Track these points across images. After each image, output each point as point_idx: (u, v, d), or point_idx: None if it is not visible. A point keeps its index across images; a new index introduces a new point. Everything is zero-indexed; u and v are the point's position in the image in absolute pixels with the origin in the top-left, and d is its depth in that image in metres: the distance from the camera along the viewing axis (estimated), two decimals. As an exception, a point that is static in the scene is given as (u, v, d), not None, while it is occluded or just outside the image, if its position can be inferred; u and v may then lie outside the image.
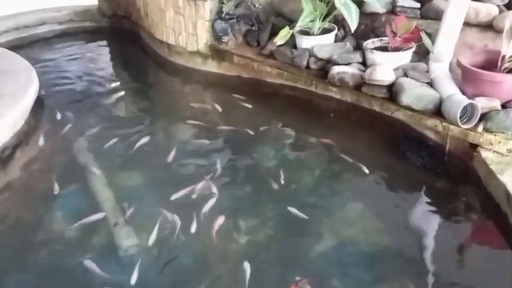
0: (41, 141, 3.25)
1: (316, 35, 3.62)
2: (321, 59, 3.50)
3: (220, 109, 3.67)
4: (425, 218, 2.42)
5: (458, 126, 2.65)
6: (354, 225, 2.39)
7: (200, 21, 4.11)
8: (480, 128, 2.65)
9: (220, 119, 3.53)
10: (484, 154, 2.59)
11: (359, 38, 3.61)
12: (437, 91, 2.88)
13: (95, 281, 2.11)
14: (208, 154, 3.07)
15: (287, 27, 3.64)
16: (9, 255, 2.27)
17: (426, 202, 2.54)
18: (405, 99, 2.89)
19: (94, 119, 3.54)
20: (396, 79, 3.03)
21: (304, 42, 3.62)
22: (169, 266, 2.17)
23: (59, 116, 3.58)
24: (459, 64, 2.85)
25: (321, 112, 3.48)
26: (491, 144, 2.60)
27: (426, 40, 3.07)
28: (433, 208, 2.49)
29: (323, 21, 3.64)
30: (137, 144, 3.14)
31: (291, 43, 3.72)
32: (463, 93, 2.79)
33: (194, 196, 2.63)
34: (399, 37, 3.17)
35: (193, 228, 2.38)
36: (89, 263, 2.17)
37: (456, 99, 2.69)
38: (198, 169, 2.88)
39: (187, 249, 2.27)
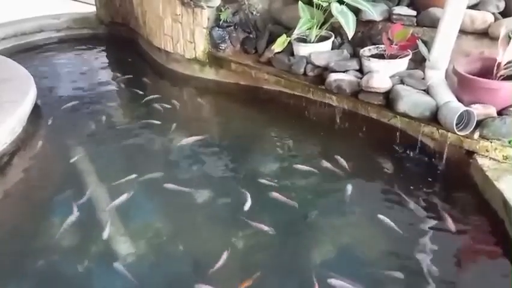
0: (38, 149, 3.25)
1: (313, 42, 3.65)
2: (318, 66, 3.52)
3: (217, 116, 3.68)
4: (422, 224, 2.43)
5: (455, 133, 2.66)
6: (350, 232, 2.40)
7: (198, 29, 4.13)
8: (476, 135, 2.66)
9: (217, 126, 3.54)
10: (481, 161, 2.61)
11: (355, 46, 3.63)
12: (433, 98, 2.90)
13: (92, 288, 2.11)
14: (206, 161, 3.07)
15: (284, 35, 3.65)
16: (6, 263, 2.26)
17: (423, 208, 2.54)
18: (402, 106, 2.91)
19: (91, 126, 3.54)
20: (392, 86, 3.05)
21: (301, 49, 3.64)
22: (167, 274, 2.17)
23: (56, 124, 3.58)
24: (455, 71, 2.87)
25: (317, 119, 3.49)
26: (487, 151, 2.62)
27: (422, 48, 3.10)
28: (430, 214, 2.50)
29: (320, 28, 3.66)
30: (135, 151, 3.15)
31: (289, 50, 3.73)
32: (459, 100, 2.81)
33: (191, 203, 2.64)
34: (396, 45, 3.20)
35: (191, 234, 2.38)
36: (87, 271, 2.16)
37: (452, 106, 2.71)
38: (195, 176, 2.89)
39: (186, 256, 2.28)
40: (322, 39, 3.68)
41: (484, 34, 3.16)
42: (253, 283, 2.07)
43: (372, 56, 3.34)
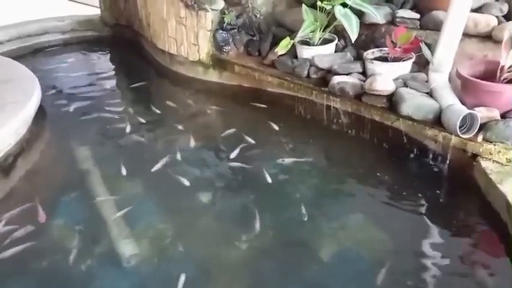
0: (43, 150, 3.27)
1: (317, 45, 3.66)
2: (321, 69, 3.53)
3: (221, 118, 3.69)
4: (425, 226, 2.43)
5: (458, 136, 2.66)
6: (353, 235, 2.40)
7: (202, 31, 4.14)
8: (479, 138, 2.66)
9: (220, 128, 3.55)
10: (484, 164, 2.61)
11: (359, 49, 3.64)
12: (436, 101, 2.90)
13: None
14: (208, 162, 3.08)
15: (288, 38, 3.67)
16: (10, 264, 2.27)
17: (427, 211, 2.54)
18: (405, 109, 2.91)
19: (95, 128, 3.56)
20: (396, 89, 3.05)
21: (305, 52, 3.65)
22: (170, 275, 2.18)
23: (61, 125, 3.60)
24: (458, 74, 2.87)
25: (320, 121, 3.49)
26: (490, 154, 2.62)
27: (425, 50, 3.10)
28: (433, 217, 2.49)
29: (323, 31, 3.67)
30: (139, 154, 3.16)
31: (292, 53, 3.75)
32: (463, 103, 2.81)
33: (194, 203, 2.65)
34: (399, 47, 3.20)
35: (193, 235, 2.39)
36: (90, 272, 2.17)
37: (455, 109, 2.71)
38: (198, 177, 2.90)
39: (188, 258, 2.29)
40: (325, 42, 3.69)
41: (488, 37, 3.16)
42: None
43: (376, 58, 3.34)
